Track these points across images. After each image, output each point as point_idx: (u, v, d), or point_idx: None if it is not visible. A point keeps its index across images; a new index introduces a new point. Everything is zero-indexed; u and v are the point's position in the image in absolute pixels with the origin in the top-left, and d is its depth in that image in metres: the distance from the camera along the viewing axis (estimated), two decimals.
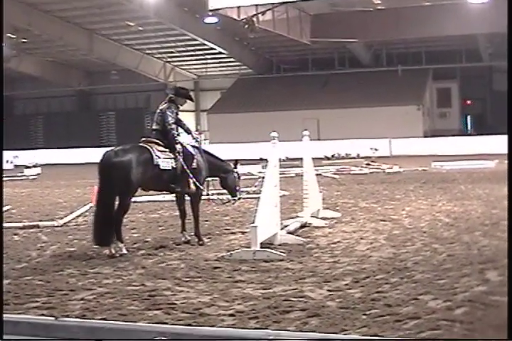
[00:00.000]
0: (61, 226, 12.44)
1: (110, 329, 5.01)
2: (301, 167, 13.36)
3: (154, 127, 10.37)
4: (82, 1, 38.18)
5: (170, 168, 9.92)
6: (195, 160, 10.28)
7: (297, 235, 10.33)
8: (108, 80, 52.30)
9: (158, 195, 17.79)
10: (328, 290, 6.85)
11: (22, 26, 38.88)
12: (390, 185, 19.35)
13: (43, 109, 56.47)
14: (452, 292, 6.55)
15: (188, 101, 10.85)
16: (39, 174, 30.89)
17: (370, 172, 25.73)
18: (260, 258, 8.56)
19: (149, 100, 54.14)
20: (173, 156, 10.01)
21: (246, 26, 32.88)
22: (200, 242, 10.06)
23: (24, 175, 29.88)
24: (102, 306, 6.46)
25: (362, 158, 34.68)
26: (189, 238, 10.21)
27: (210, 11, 33.68)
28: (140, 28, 42.03)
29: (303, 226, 11.32)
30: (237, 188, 11.10)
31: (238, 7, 33.18)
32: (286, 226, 10.63)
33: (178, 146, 10.10)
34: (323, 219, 12.02)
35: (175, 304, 6.47)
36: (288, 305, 6.28)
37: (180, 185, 10.14)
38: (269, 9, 34.37)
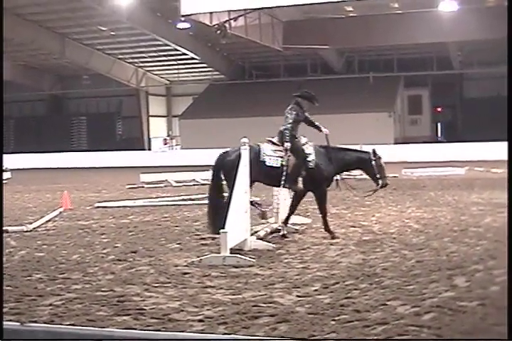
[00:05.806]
0: (30, 231, 12.35)
1: (77, 335, 4.98)
2: None
3: (280, 128, 11.08)
4: (54, 4, 37.94)
5: (278, 165, 10.61)
6: (312, 161, 10.79)
7: (267, 241, 10.34)
8: (80, 85, 52.02)
9: (129, 200, 17.80)
10: (298, 296, 6.87)
11: None
12: (360, 191, 19.35)
13: (14, 113, 55.88)
14: (420, 298, 6.60)
15: (308, 104, 11.94)
16: (9, 178, 30.58)
17: (342, 179, 25.70)
18: (230, 264, 8.57)
19: (121, 105, 53.97)
20: (283, 154, 10.66)
21: (218, 32, 32.89)
22: (332, 235, 10.71)
23: None
24: (71, 312, 6.43)
25: None
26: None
27: (183, 16, 33.59)
28: (112, 33, 41.90)
29: (273, 232, 11.33)
30: (378, 176, 11.46)
31: (210, 13, 33.13)
32: (256, 232, 10.65)
33: (287, 144, 10.68)
34: (294, 225, 12.03)
35: (144, 310, 6.46)
36: (257, 311, 6.29)
37: (288, 182, 10.71)
38: (242, 15, 34.42)
